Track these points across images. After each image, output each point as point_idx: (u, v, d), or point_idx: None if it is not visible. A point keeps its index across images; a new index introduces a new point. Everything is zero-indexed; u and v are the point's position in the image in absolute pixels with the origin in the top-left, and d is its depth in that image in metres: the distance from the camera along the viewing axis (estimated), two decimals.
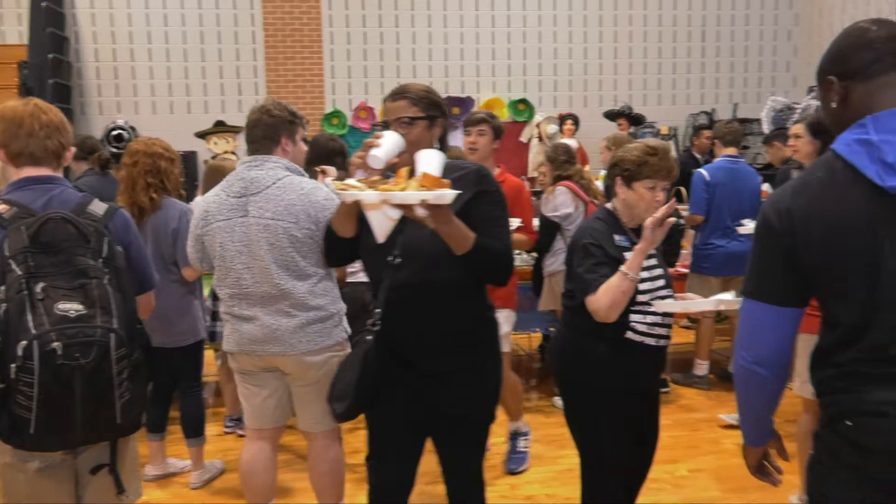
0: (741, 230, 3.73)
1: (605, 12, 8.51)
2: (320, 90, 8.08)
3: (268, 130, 2.34)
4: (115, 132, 7.09)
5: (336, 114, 8.04)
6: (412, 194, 1.54)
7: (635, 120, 7.67)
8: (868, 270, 1.23)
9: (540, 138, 8.20)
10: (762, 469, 1.58)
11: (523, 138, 8.37)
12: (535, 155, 8.06)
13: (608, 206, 2.24)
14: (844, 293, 1.27)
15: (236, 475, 3.34)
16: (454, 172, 1.79)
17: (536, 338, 5.05)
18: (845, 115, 1.31)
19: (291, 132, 2.38)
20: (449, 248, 1.72)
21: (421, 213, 1.56)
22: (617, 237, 2.11)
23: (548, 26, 8.44)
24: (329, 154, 3.26)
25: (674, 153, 8.41)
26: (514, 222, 2.96)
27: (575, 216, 3.91)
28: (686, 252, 4.60)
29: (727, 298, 2.17)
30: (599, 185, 4.38)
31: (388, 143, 1.76)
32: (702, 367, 4.54)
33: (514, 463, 3.36)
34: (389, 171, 1.79)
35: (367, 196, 1.60)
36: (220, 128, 7.52)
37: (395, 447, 2.01)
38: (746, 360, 1.39)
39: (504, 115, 8.34)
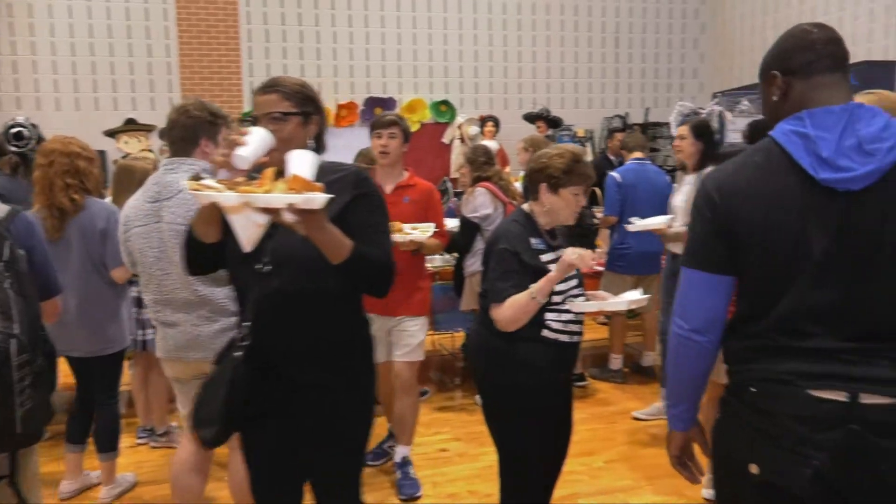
0: (630, 228, 3.90)
1: (523, 17, 8.70)
2: (238, 89, 7.89)
3: (186, 132, 2.28)
4: (14, 129, 6.65)
5: None
6: (277, 197, 1.39)
7: (553, 123, 7.87)
8: (792, 250, 1.35)
9: (462, 139, 8.29)
10: (682, 462, 1.64)
11: (445, 139, 8.45)
12: (457, 156, 8.14)
13: (524, 207, 2.28)
14: (767, 268, 1.38)
15: (149, 488, 3.25)
16: (330, 175, 1.68)
17: (459, 337, 5.11)
18: (784, 108, 1.43)
19: (212, 134, 2.32)
20: (324, 254, 1.59)
21: (289, 217, 1.41)
22: (533, 240, 2.17)
23: (468, 29, 8.56)
24: None
25: (590, 156, 8.73)
26: (429, 227, 2.99)
27: (494, 217, 3.96)
28: (601, 251, 4.77)
29: (637, 297, 2.27)
30: (519, 186, 4.49)
31: (256, 142, 1.58)
32: (616, 361, 4.73)
33: (412, 488, 3.18)
34: (256, 171, 1.62)
35: (225, 199, 1.42)
36: (131, 126, 7.20)
37: (273, 474, 1.86)
38: (684, 329, 1.49)
39: (426, 117, 8.40)
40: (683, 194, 3.82)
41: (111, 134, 7.10)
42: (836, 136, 1.32)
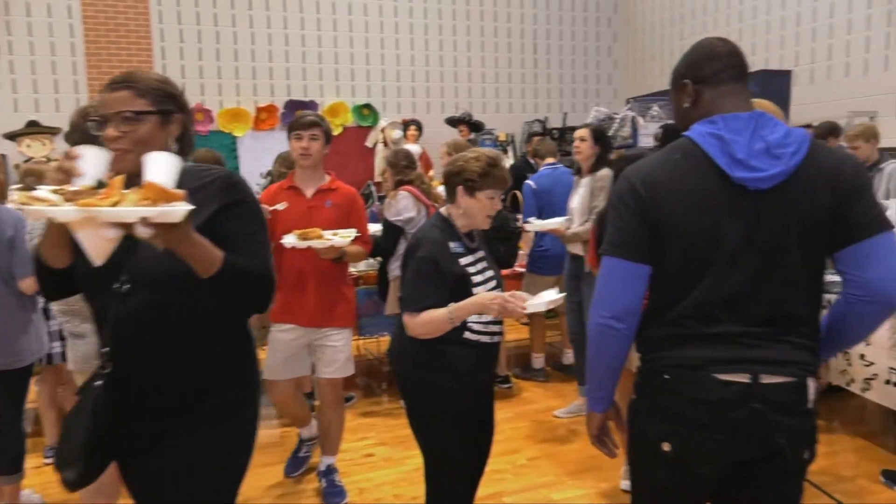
0: (528, 228, 3.99)
1: (444, 22, 8.78)
2: None
3: (86, 136, 2.18)
4: None
5: None
6: (127, 211, 1.20)
7: (475, 127, 7.98)
8: (707, 242, 1.46)
9: (385, 143, 8.29)
10: (601, 439, 1.74)
11: (368, 143, 8.42)
12: (381, 160, 8.12)
13: (443, 211, 2.30)
14: (685, 258, 1.49)
15: None
16: (195, 180, 1.51)
17: (385, 341, 5.11)
18: (694, 114, 1.56)
19: None
20: (192, 269, 1.41)
21: (144, 232, 1.23)
22: (452, 244, 2.18)
23: (390, 33, 8.56)
24: None
25: (511, 159, 8.87)
26: (350, 233, 2.91)
27: (418, 220, 3.97)
28: (523, 253, 4.87)
29: (554, 297, 2.33)
30: (442, 189, 4.53)
31: (91, 166, 1.39)
32: (538, 361, 4.85)
33: (338, 496, 3.14)
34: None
35: (63, 214, 1.22)
36: (33, 129, 6.82)
37: None
38: (604, 317, 1.55)
39: (348, 120, 8.34)
40: (579, 197, 3.96)
41: (12, 137, 6.71)
42: (746, 140, 1.45)
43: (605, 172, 3.83)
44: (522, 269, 4.77)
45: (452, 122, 7.98)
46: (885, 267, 1.42)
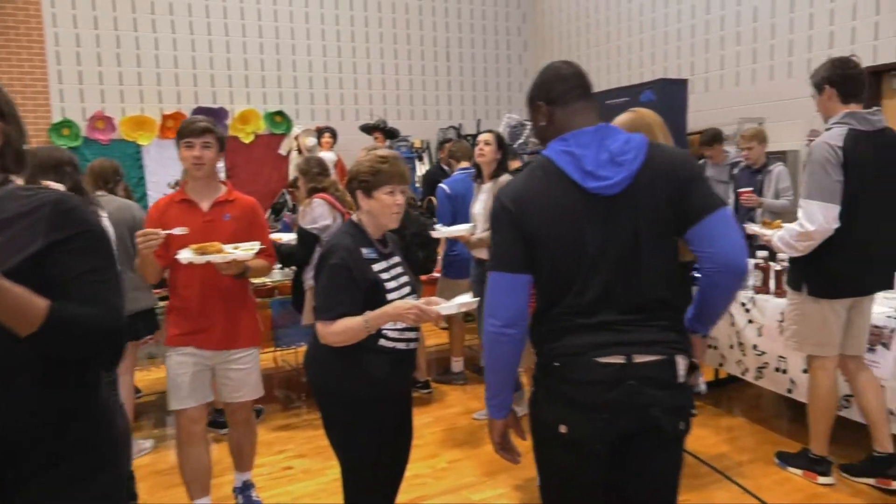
0: (434, 234, 4.06)
1: (356, 29, 8.76)
2: (45, 97, 7.19)
3: None
4: None
5: (66, 124, 7.20)
6: None
7: (390, 133, 8.00)
8: (573, 248, 1.63)
9: (299, 151, 8.17)
10: (503, 446, 1.85)
11: (282, 151, 8.28)
12: (295, 168, 8.00)
13: (353, 218, 2.30)
14: (557, 263, 1.65)
15: None
16: (14, 206, 1.24)
17: (302, 352, 5.03)
18: (549, 132, 1.73)
19: None
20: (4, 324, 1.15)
21: None
22: (364, 250, 2.19)
23: (301, 39, 8.45)
24: (56, 165, 2.89)
25: (427, 165, 8.92)
26: (253, 246, 2.67)
27: (333, 228, 3.92)
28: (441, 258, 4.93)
29: (467, 300, 2.38)
30: None
31: None
32: (457, 364, 4.91)
33: None
34: None
35: None
36: None
37: None
38: (497, 326, 1.67)
39: (260, 128, 8.18)
40: (481, 202, 4.05)
41: None
42: (593, 153, 1.62)
43: (507, 178, 3.94)
44: (437, 275, 4.81)
45: (367, 129, 7.96)
46: (726, 240, 1.62)
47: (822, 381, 3.12)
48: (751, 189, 5.07)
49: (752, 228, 3.53)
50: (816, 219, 2.87)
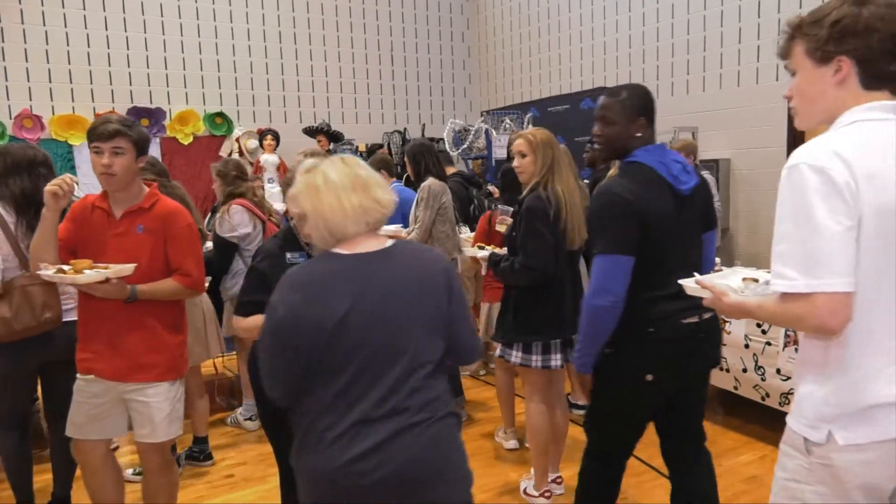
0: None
1: (299, 31, 8.67)
2: None
3: None
4: None
5: None
6: None
7: (334, 137, 7.94)
8: (668, 237, 2.07)
9: (241, 153, 8.02)
10: (587, 391, 2.40)
11: (223, 153, 8.11)
12: (212, 170, 7.85)
13: (291, 222, 2.29)
14: (658, 246, 2.06)
15: None
16: None
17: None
18: (637, 143, 2.15)
19: None
20: None
21: None
22: (290, 254, 2.21)
23: (242, 40, 8.31)
24: (29, 165, 2.78)
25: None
26: (128, 267, 2.31)
27: (254, 235, 3.85)
28: None
29: None
30: (279, 203, 4.44)
31: None
32: None
33: None
34: None
35: None
36: None
37: None
38: (608, 301, 2.04)
39: (200, 129, 8.00)
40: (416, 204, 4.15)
41: None
42: (669, 162, 2.11)
43: (428, 182, 4.01)
44: None
45: (311, 132, 7.89)
46: (711, 245, 2.32)
47: None
48: None
49: None
50: None
